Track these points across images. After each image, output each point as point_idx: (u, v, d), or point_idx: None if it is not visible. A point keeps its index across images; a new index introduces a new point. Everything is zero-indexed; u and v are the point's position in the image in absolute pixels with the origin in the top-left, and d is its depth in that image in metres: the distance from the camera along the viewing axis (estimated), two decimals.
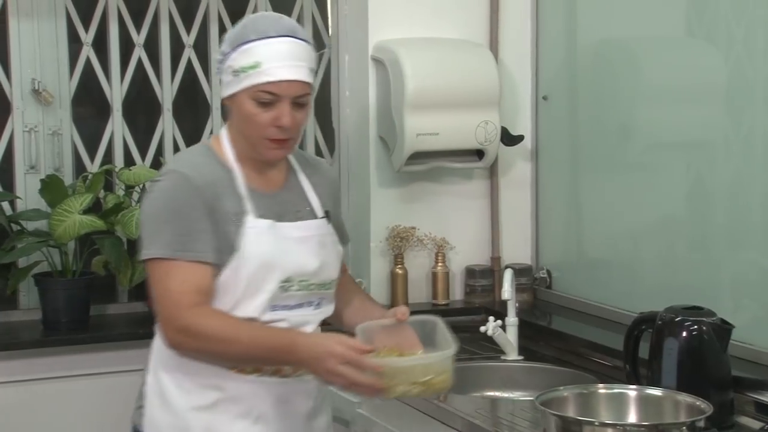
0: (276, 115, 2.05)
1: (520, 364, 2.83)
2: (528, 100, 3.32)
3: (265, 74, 2.04)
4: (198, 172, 2.07)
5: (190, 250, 2.03)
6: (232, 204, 2.08)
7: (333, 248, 2.20)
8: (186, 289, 2.01)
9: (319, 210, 2.20)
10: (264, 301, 2.07)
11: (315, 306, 2.15)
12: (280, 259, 2.09)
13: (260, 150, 2.10)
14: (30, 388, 2.88)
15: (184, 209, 2.04)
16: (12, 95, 3.10)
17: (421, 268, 3.26)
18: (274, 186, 2.17)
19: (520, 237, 3.34)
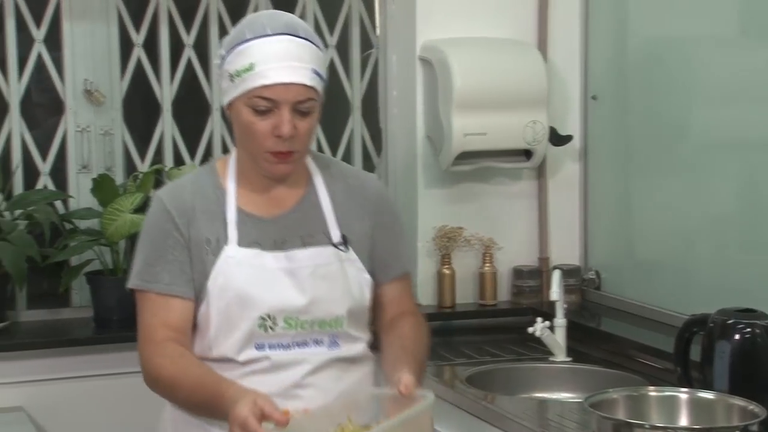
0: (274, 124, 1.85)
1: (569, 365, 2.81)
2: (577, 100, 3.30)
3: (259, 77, 1.84)
4: (176, 195, 1.93)
5: (157, 281, 1.89)
6: (212, 230, 1.91)
7: (341, 280, 1.93)
8: (154, 322, 1.88)
9: (336, 235, 1.95)
10: (239, 339, 1.88)
11: (329, 346, 1.93)
12: (257, 294, 1.88)
13: (261, 164, 1.91)
14: (81, 384, 2.92)
15: (155, 237, 1.92)
16: (65, 96, 3.14)
17: (468, 269, 3.25)
18: (280, 207, 1.95)
19: (568, 237, 3.32)
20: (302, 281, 1.90)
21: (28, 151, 3.11)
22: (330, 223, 1.95)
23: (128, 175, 3.19)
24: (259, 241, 1.91)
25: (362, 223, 1.98)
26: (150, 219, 1.96)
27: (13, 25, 3.08)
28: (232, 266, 1.89)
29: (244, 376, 1.87)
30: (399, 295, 2.04)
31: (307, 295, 1.90)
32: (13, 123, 3.10)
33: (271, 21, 1.89)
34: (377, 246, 2.00)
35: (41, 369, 2.87)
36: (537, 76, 3.14)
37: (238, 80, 1.86)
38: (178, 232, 1.90)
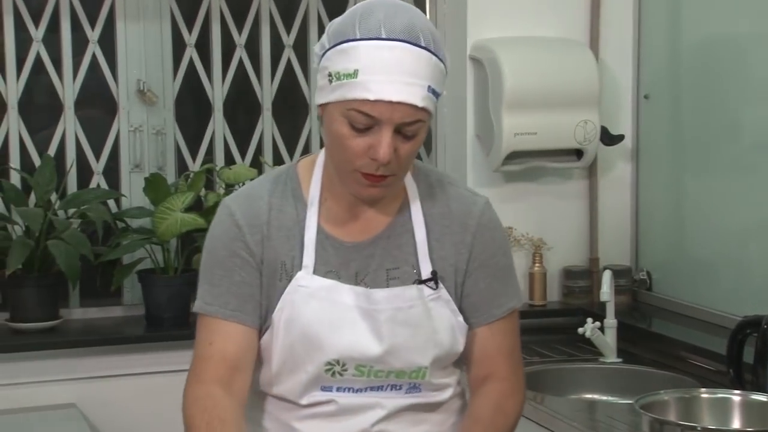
0: (372, 144, 1.54)
1: (619, 366, 2.78)
2: (629, 99, 3.27)
3: (361, 88, 1.52)
4: (249, 207, 1.65)
5: (220, 305, 1.63)
6: (288, 251, 1.64)
7: (426, 325, 1.64)
8: (208, 354, 1.62)
9: (426, 269, 1.64)
10: (303, 381, 1.64)
11: (407, 390, 1.66)
12: (326, 336, 1.61)
13: (349, 184, 1.61)
14: (133, 382, 2.95)
15: (221, 254, 1.65)
16: (118, 96, 3.18)
17: (518, 269, 3.13)
18: (366, 231, 1.66)
19: (619, 238, 3.29)
20: (380, 326, 1.61)
21: (82, 150, 3.16)
22: (421, 255, 1.65)
23: (180, 174, 3.22)
24: (337, 271, 1.63)
25: (458, 257, 1.66)
26: (216, 233, 1.67)
27: (68, 26, 3.12)
28: (302, 298, 1.62)
29: (305, 419, 1.66)
30: (490, 345, 1.70)
31: (385, 344, 1.61)
32: (68, 123, 3.14)
33: (388, 20, 1.54)
34: (475, 282, 1.68)
35: (93, 366, 2.91)
36: (588, 75, 3.11)
37: (336, 84, 1.54)
38: (247, 251, 1.63)
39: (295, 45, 3.32)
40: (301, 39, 3.33)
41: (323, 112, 1.60)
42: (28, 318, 2.92)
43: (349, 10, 1.61)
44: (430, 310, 1.64)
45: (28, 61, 3.09)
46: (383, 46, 1.53)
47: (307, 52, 3.33)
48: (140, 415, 2.94)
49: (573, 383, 2.73)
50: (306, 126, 3.36)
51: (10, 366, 2.84)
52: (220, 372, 1.61)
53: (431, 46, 1.55)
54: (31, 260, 2.89)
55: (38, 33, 3.10)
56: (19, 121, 3.09)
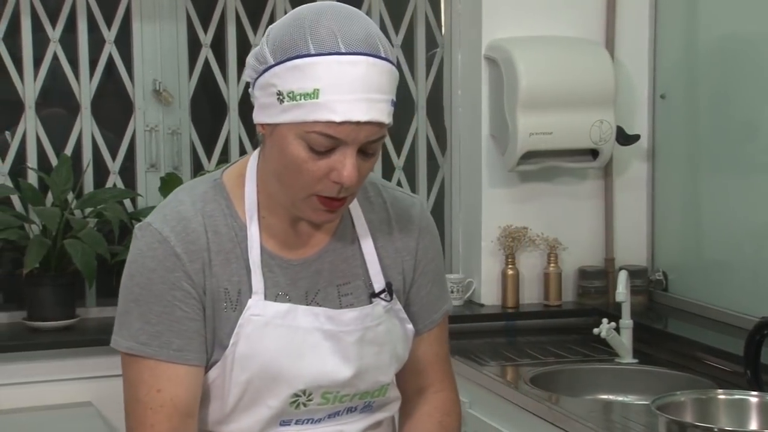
0: (333, 166, 1.40)
1: (635, 367, 2.78)
2: (645, 99, 3.26)
3: (325, 110, 1.37)
4: (184, 231, 1.46)
5: (160, 346, 1.44)
6: (231, 277, 1.47)
7: (389, 341, 1.55)
8: (159, 402, 1.44)
9: (378, 282, 1.54)
10: (264, 418, 1.50)
11: (361, 410, 1.57)
12: (289, 367, 1.47)
13: (302, 210, 1.46)
14: None
15: (156, 288, 1.44)
16: (134, 96, 3.19)
17: (532, 269, 3.23)
18: (309, 246, 1.52)
19: (634, 238, 3.28)
20: (346, 348, 1.50)
21: (98, 150, 3.17)
22: (371, 266, 1.54)
23: (195, 173, 3.22)
24: (287, 293, 1.49)
25: (406, 265, 1.58)
26: (147, 262, 1.45)
27: (85, 26, 3.13)
28: (257, 328, 1.46)
29: None
30: (426, 355, 1.64)
31: (353, 366, 1.51)
32: (84, 123, 3.16)
33: (342, 31, 1.39)
34: (418, 290, 1.61)
35: (110, 365, 2.89)
36: (604, 75, 3.10)
37: (290, 104, 1.38)
38: (189, 281, 1.45)
39: None
40: None
41: (269, 132, 1.43)
42: (45, 317, 2.93)
43: (289, 17, 1.44)
44: (390, 325, 1.55)
45: (45, 62, 3.11)
46: (344, 61, 1.37)
47: None
48: None
49: (588, 384, 2.73)
50: None
51: (27, 365, 2.86)
52: (174, 422, 1.45)
53: (389, 55, 1.42)
54: (48, 259, 2.90)
55: (55, 33, 3.11)
56: (36, 121, 3.11)
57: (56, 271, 2.94)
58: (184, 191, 1.54)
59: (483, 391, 2.68)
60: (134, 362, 1.47)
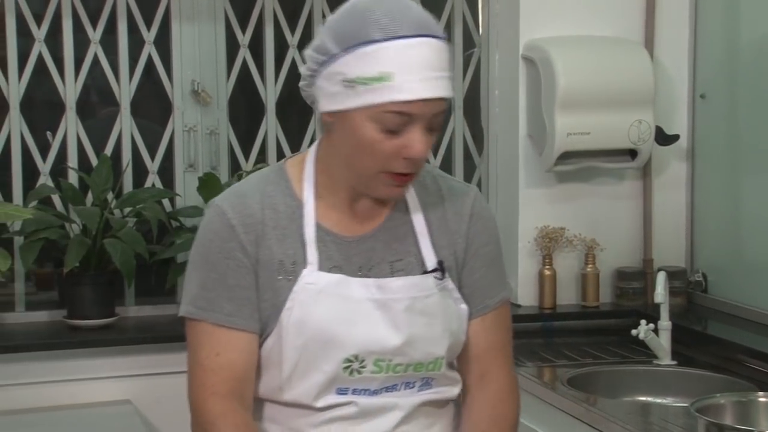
0: (404, 143, 1.52)
1: (674, 369, 2.75)
2: (684, 99, 3.23)
3: (397, 91, 1.49)
4: (241, 207, 1.58)
5: (215, 310, 1.56)
6: (286, 250, 1.58)
7: (440, 314, 1.62)
8: (218, 365, 1.55)
9: (431, 260, 1.63)
10: (319, 383, 1.57)
11: (419, 387, 1.63)
12: (343, 331, 1.56)
13: (374, 186, 1.57)
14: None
15: (214, 256, 1.57)
16: (173, 96, 3.22)
17: (570, 269, 3.21)
18: (364, 225, 1.62)
19: (673, 239, 3.25)
20: (396, 316, 1.58)
21: (137, 150, 3.20)
22: (423, 245, 1.63)
23: (233, 174, 3.24)
24: (341, 266, 1.59)
25: (458, 247, 1.65)
26: (207, 234, 1.60)
27: (125, 28, 3.16)
28: (311, 296, 1.56)
29: (322, 424, 1.60)
30: (483, 341, 1.68)
31: (403, 334, 1.58)
32: (124, 123, 3.19)
33: (401, 16, 1.51)
34: (471, 273, 1.67)
35: (148, 363, 2.95)
36: (643, 75, 3.08)
37: (362, 89, 1.49)
38: (242, 251, 1.56)
39: None
40: None
41: (338, 119, 1.54)
42: (85, 315, 2.96)
43: (347, 8, 1.56)
44: (443, 300, 1.62)
45: (86, 63, 3.14)
46: (410, 44, 1.50)
47: None
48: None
49: (626, 385, 2.71)
50: None
51: (67, 363, 2.89)
52: (233, 385, 1.55)
53: (443, 34, 1.56)
54: (88, 258, 2.93)
55: (96, 35, 3.15)
56: (77, 122, 3.14)
57: (96, 270, 2.97)
58: (253, 174, 1.70)
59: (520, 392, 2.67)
60: (194, 326, 1.58)
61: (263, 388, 1.61)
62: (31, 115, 3.13)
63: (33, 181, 3.11)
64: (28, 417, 2.78)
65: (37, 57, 3.10)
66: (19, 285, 3.10)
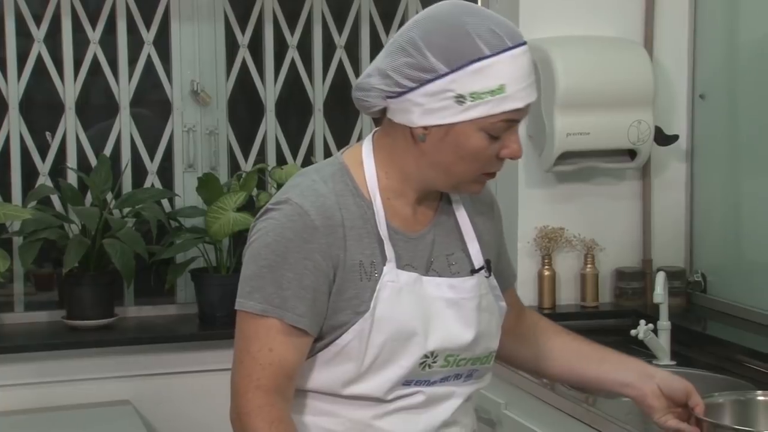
0: (504, 145, 1.60)
1: (673, 369, 2.75)
2: (684, 99, 3.23)
3: (511, 100, 1.56)
4: (323, 208, 1.59)
5: (287, 309, 1.57)
6: (364, 250, 1.61)
7: (495, 311, 1.72)
8: (269, 360, 1.57)
9: (478, 258, 1.70)
10: (396, 377, 1.62)
11: (464, 378, 1.70)
12: (422, 328, 1.61)
13: (466, 186, 1.65)
14: (187, 379, 2.98)
15: (292, 256, 1.57)
16: (173, 96, 3.22)
17: (569, 270, 3.21)
18: (421, 222, 1.68)
19: (672, 239, 3.25)
20: (467, 314, 1.65)
21: (136, 150, 3.20)
22: (470, 243, 1.70)
23: (232, 174, 3.24)
24: (412, 263, 1.64)
25: (490, 236, 1.75)
26: (286, 232, 1.58)
27: (124, 27, 3.16)
28: (393, 293, 1.60)
29: (387, 414, 1.63)
30: (514, 300, 1.88)
31: (473, 331, 1.65)
32: (123, 123, 3.18)
33: (501, 29, 1.58)
34: (500, 259, 1.80)
35: (148, 364, 2.95)
36: (643, 75, 3.08)
37: (472, 103, 1.55)
38: (321, 254, 1.58)
39: (347, 46, 3.34)
40: (352, 40, 3.34)
41: (440, 131, 1.58)
42: (84, 316, 2.96)
43: (442, 26, 1.58)
44: (494, 296, 1.72)
45: (85, 63, 3.14)
46: (514, 54, 1.57)
47: (358, 53, 3.34)
48: (194, 412, 2.96)
49: None
50: (357, 125, 3.37)
51: (66, 363, 2.89)
52: (280, 381, 1.57)
53: None
54: (87, 259, 2.93)
55: (95, 35, 3.15)
56: (76, 122, 3.14)
57: (95, 270, 2.97)
58: (313, 172, 1.67)
59: (519, 392, 2.67)
60: (256, 321, 1.58)
61: (326, 382, 1.62)
62: (30, 116, 3.13)
63: (32, 182, 3.11)
64: (28, 417, 2.78)
65: (36, 57, 3.10)
66: (19, 285, 3.10)
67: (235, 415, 1.60)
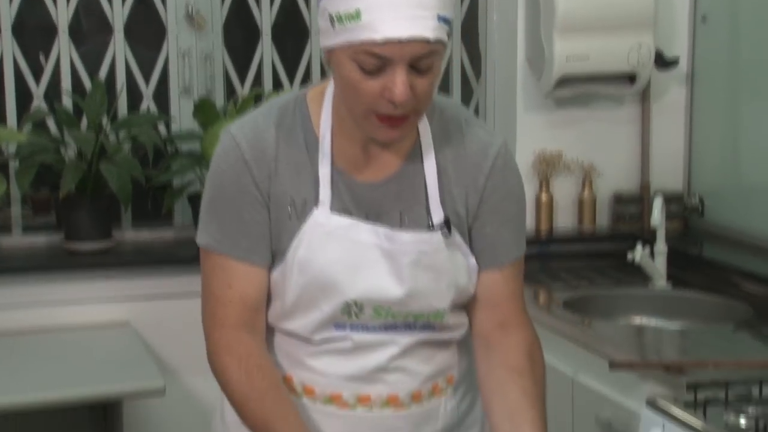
0: (385, 85, 1.44)
1: (668, 292, 2.77)
2: (685, 22, 3.19)
3: (367, 29, 1.40)
4: (257, 140, 1.54)
5: (234, 246, 1.55)
6: (297, 188, 1.54)
7: (448, 270, 1.57)
8: (228, 298, 1.56)
9: (438, 215, 1.56)
10: (317, 320, 1.57)
11: (406, 329, 1.60)
12: (345, 278, 1.54)
13: (368, 128, 1.50)
14: (184, 302, 2.95)
15: (228, 190, 1.55)
16: (167, 20, 3.18)
17: (567, 194, 3.21)
18: (378, 172, 1.57)
19: (671, 163, 3.24)
20: (401, 269, 1.54)
21: (131, 74, 3.17)
22: (432, 198, 1.56)
23: (228, 98, 3.22)
24: (351, 210, 1.55)
25: (470, 200, 1.58)
26: (221, 165, 1.56)
27: None
28: (319, 237, 1.53)
29: (319, 354, 1.60)
30: (502, 291, 1.63)
31: (405, 287, 1.55)
32: (117, 47, 3.15)
33: None
34: (482, 227, 1.60)
35: (147, 287, 2.96)
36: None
37: (339, 27, 1.42)
38: (256, 187, 1.54)
39: None
40: None
41: (330, 56, 1.48)
42: (82, 238, 2.96)
43: None
44: (451, 256, 1.57)
45: None
46: None
47: None
48: (191, 334, 2.96)
49: (621, 308, 2.73)
50: None
51: (66, 286, 2.90)
52: (245, 316, 1.56)
53: None
54: (84, 183, 2.92)
55: None
56: (69, 45, 3.11)
57: (92, 194, 2.96)
58: (274, 101, 1.62)
59: None
60: (210, 257, 1.58)
61: (269, 314, 1.61)
62: (23, 39, 3.10)
63: (27, 106, 3.08)
64: (28, 339, 2.80)
65: None
66: (16, 209, 3.09)
67: (208, 355, 1.60)
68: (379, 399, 1.59)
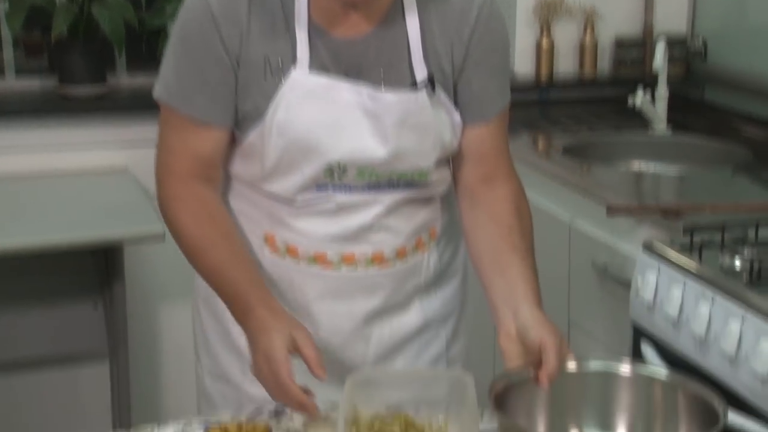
0: None
1: (668, 136, 2.76)
2: None
3: None
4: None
5: (191, 103, 1.50)
6: (273, 47, 1.47)
7: (432, 130, 1.53)
8: (181, 150, 1.52)
9: (421, 72, 1.51)
10: (298, 182, 1.53)
11: (390, 186, 1.56)
12: (326, 139, 1.49)
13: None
14: None
15: (193, 46, 1.48)
16: None
17: (568, 39, 3.15)
18: (357, 27, 1.49)
19: (675, 5, 3.17)
20: (385, 129, 1.50)
21: None
22: (415, 55, 1.50)
23: None
24: (329, 67, 1.48)
25: (456, 53, 1.53)
26: (188, 14, 1.49)
27: None
28: (298, 97, 1.47)
29: (302, 215, 1.56)
30: (490, 144, 1.59)
31: (389, 147, 1.50)
32: None
33: None
34: (469, 81, 1.55)
35: (144, 133, 2.92)
36: None
37: None
38: (223, 47, 1.47)
39: None
40: None
41: None
42: (76, 81, 2.92)
43: None
44: (435, 114, 1.52)
45: None
46: None
47: None
48: None
49: (621, 153, 2.72)
50: None
51: (61, 131, 2.88)
52: (197, 168, 1.53)
53: None
54: (76, 26, 2.87)
55: None
56: None
57: (85, 37, 2.90)
58: None
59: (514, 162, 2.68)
60: (167, 111, 1.54)
61: (246, 174, 1.57)
62: None
63: None
64: (28, 183, 2.81)
65: None
66: (8, 51, 3.04)
67: (159, 204, 1.57)
68: (364, 257, 1.57)
